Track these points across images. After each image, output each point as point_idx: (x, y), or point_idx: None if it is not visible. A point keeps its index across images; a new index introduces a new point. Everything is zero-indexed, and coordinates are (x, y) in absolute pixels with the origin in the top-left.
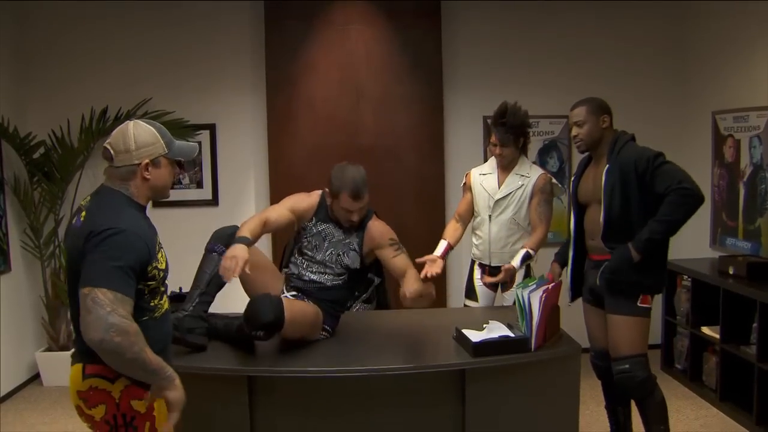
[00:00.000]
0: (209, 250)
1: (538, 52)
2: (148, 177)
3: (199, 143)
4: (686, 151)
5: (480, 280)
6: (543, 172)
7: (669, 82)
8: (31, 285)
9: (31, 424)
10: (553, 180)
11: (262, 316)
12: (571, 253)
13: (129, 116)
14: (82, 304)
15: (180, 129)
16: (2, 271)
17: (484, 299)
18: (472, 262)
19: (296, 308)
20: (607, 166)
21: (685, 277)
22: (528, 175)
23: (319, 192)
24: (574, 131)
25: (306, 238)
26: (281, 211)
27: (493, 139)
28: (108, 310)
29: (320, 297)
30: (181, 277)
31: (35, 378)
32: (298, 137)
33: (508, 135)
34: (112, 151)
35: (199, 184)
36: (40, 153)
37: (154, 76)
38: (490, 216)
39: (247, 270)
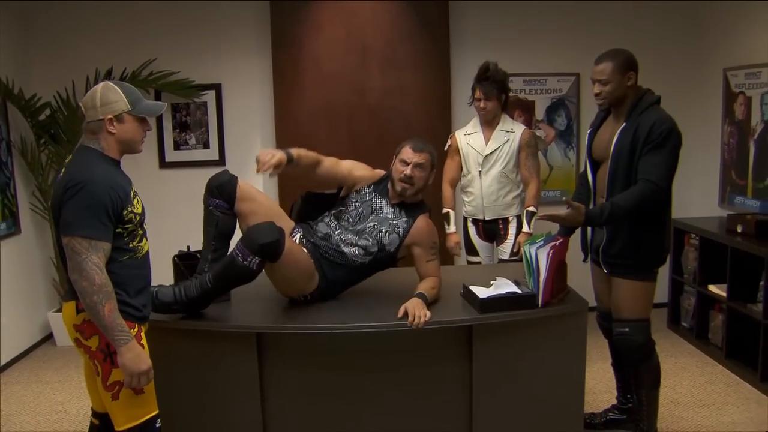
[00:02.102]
0: (206, 205)
1: (545, 10)
2: (113, 131)
3: (205, 103)
4: (696, 108)
5: (477, 236)
6: (525, 127)
7: (680, 38)
8: (41, 246)
9: (46, 382)
10: (536, 133)
11: (261, 237)
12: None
13: (134, 77)
14: (65, 250)
15: (185, 89)
16: (12, 233)
17: (484, 251)
18: (465, 220)
19: (295, 246)
20: (624, 124)
21: (693, 235)
22: (512, 130)
23: (384, 172)
24: (597, 89)
25: (354, 202)
26: (338, 164)
27: (477, 94)
28: (83, 257)
29: (333, 272)
30: (190, 236)
31: (49, 337)
32: (304, 96)
33: (492, 89)
34: (83, 108)
35: (206, 145)
36: (45, 115)
37: (159, 36)
38: (480, 172)
39: (275, 171)
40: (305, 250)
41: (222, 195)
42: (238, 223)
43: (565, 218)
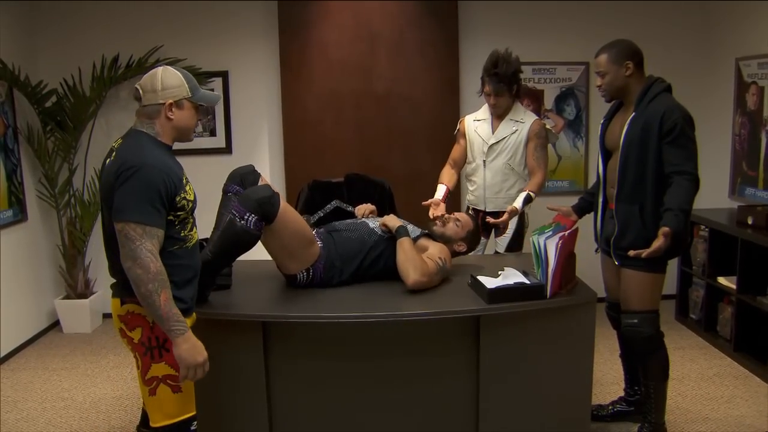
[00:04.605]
0: (225, 191)
1: None
2: (172, 117)
3: (212, 91)
4: (708, 98)
5: None
6: (537, 117)
7: (692, 27)
8: (48, 234)
9: (52, 369)
10: (547, 126)
11: (257, 193)
12: (600, 200)
13: (141, 64)
14: (118, 237)
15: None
16: (19, 220)
17: None
18: (467, 208)
19: (291, 209)
20: (633, 114)
21: (703, 227)
22: (522, 121)
23: None
24: (597, 81)
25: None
26: None
27: (487, 89)
28: (137, 243)
29: (342, 242)
30: (198, 223)
31: (55, 325)
32: (312, 83)
33: (502, 85)
34: (141, 91)
35: (213, 133)
36: (52, 102)
37: (165, 22)
38: (484, 161)
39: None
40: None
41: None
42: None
43: (659, 249)
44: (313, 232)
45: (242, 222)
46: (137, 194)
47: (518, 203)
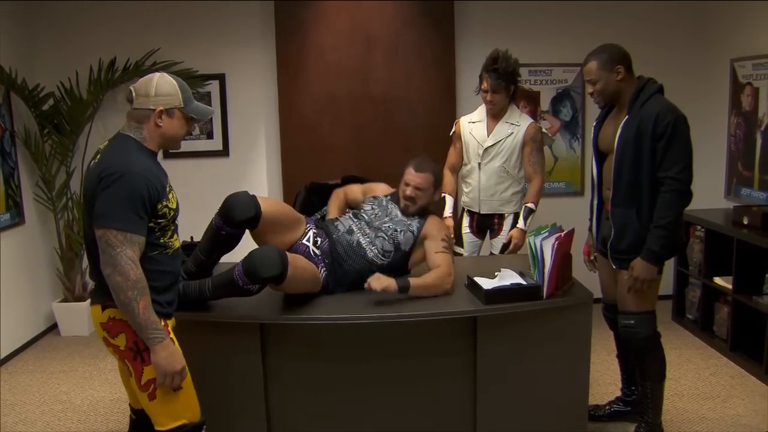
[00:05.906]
0: (218, 227)
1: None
2: (161, 124)
3: (209, 93)
4: (703, 99)
5: (468, 229)
6: (532, 121)
7: (686, 28)
8: (45, 237)
9: (50, 372)
10: (543, 129)
11: (265, 270)
12: (595, 202)
13: (138, 67)
14: (98, 243)
15: (189, 80)
16: (17, 223)
17: (470, 246)
18: (462, 210)
19: (298, 261)
20: (627, 117)
21: (699, 227)
22: (518, 124)
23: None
24: (589, 88)
25: (371, 204)
26: (365, 188)
27: (484, 85)
28: (118, 250)
29: (344, 273)
30: (192, 227)
31: (53, 328)
32: (309, 86)
33: (500, 81)
34: (134, 93)
35: (210, 135)
36: (49, 105)
37: (162, 25)
38: (479, 164)
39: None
40: (315, 250)
41: (242, 227)
42: (251, 234)
43: (637, 277)
44: (318, 253)
45: (246, 287)
46: (120, 200)
47: (521, 224)
